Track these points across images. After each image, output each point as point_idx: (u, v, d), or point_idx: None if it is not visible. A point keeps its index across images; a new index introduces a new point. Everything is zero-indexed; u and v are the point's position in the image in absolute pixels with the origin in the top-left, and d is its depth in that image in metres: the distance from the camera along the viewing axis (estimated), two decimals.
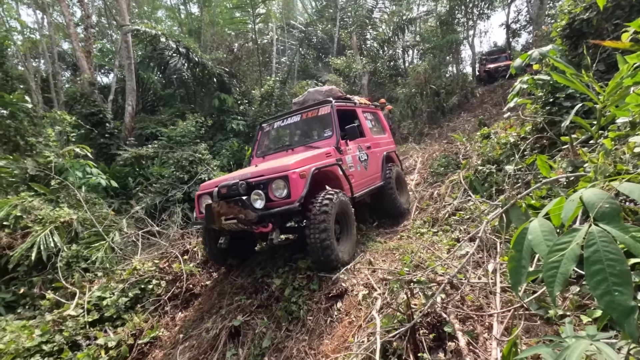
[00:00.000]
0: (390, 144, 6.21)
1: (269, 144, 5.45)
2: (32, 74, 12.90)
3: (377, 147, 5.49)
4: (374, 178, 5.18)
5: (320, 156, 4.08)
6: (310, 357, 3.00)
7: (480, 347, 2.08)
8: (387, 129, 6.28)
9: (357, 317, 3.17)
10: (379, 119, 6.22)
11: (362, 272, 3.72)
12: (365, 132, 5.36)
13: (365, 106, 5.75)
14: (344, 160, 4.44)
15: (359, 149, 4.95)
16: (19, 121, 7.27)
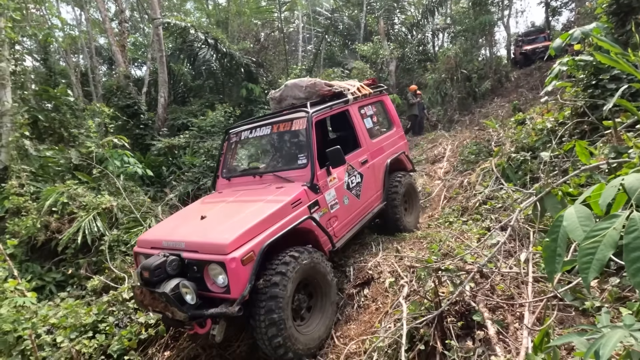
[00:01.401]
0: (399, 141, 4.86)
1: (238, 161, 4.38)
2: (72, 69, 13.60)
3: (378, 155, 4.33)
4: (370, 203, 4.10)
5: (282, 212, 2.90)
6: (336, 340, 3.07)
7: (511, 336, 2.05)
8: (395, 120, 4.90)
9: (384, 304, 3.20)
10: (385, 109, 4.85)
11: (388, 259, 3.72)
12: (362, 140, 4.11)
13: (362, 99, 4.36)
14: (322, 201, 3.34)
15: (349, 171, 3.80)
16: (62, 114, 7.73)
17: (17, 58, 7.03)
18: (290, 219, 2.96)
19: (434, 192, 6.30)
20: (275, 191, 3.27)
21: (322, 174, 3.45)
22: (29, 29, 9.91)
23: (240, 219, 2.81)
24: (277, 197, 3.11)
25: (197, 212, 3.32)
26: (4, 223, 5.25)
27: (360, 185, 3.94)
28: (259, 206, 3.00)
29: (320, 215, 3.27)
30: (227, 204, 3.36)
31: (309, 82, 4.13)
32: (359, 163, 4.01)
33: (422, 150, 9.25)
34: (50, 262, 5.15)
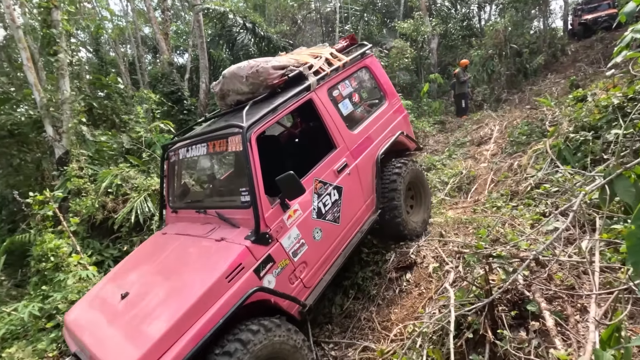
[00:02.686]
0: (396, 116, 3.63)
1: (183, 189, 3.41)
2: (121, 59, 14.34)
3: (365, 149, 3.24)
4: (357, 220, 3.13)
5: (210, 297, 2.09)
6: (378, 325, 3.05)
7: (571, 329, 1.91)
8: (388, 89, 3.67)
9: (427, 289, 3.12)
10: (372, 76, 3.63)
11: (432, 244, 3.61)
12: (336, 138, 3.01)
13: (334, 74, 3.17)
14: (278, 252, 2.48)
15: (319, 190, 2.81)
16: (113, 101, 8.18)
17: (73, 49, 7.48)
18: (227, 301, 2.11)
19: (480, 175, 5.99)
20: (211, 248, 2.46)
21: (274, 212, 2.49)
22: (82, 22, 10.49)
23: (153, 319, 2.08)
24: (208, 265, 2.31)
25: (127, 275, 2.75)
26: (67, 203, 5.72)
27: (339, 203, 2.92)
28: (183, 286, 2.25)
29: (277, 274, 2.43)
30: (157, 266, 2.65)
31: (250, 70, 2.91)
32: (334, 173, 2.92)
33: (466, 131, 8.80)
34: (107, 239, 5.56)
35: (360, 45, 3.65)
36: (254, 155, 2.44)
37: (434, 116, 10.82)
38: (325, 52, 3.34)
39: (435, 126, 9.98)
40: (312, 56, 3.24)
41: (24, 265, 5.87)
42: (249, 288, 2.23)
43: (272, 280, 2.42)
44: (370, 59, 3.61)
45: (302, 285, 2.64)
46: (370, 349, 2.82)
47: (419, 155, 8.07)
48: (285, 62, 3.02)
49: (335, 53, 3.38)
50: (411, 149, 3.92)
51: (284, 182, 2.39)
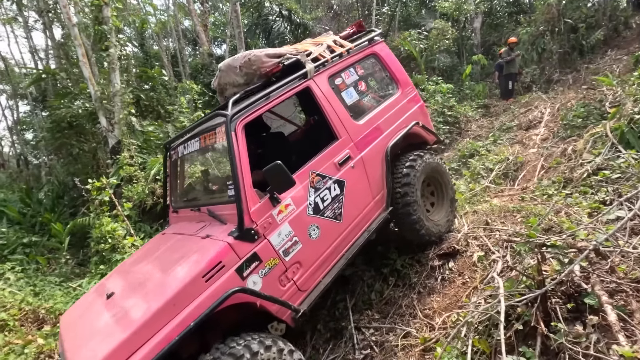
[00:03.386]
0: (410, 106, 3.34)
1: (183, 187, 3.33)
2: (164, 52, 14.93)
3: (373, 140, 2.99)
4: (364, 218, 2.86)
5: (182, 298, 1.95)
6: (420, 312, 3.01)
7: (638, 325, 1.77)
8: (400, 77, 3.38)
9: (472, 279, 3.02)
10: (382, 64, 3.34)
11: (476, 232, 3.48)
12: (337, 128, 2.80)
13: (336, 62, 2.97)
14: (266, 250, 2.29)
15: (316, 185, 2.59)
16: (158, 93, 8.59)
17: (122, 44, 7.90)
18: (202, 302, 1.95)
19: (528, 162, 5.64)
20: (195, 246, 2.34)
21: (262, 206, 2.32)
22: (129, 18, 11.02)
23: (125, 320, 1.96)
24: (186, 264, 2.18)
25: (120, 275, 2.73)
26: (120, 189, 6.14)
27: (340, 198, 2.69)
28: (160, 286, 2.11)
29: (264, 274, 2.24)
30: (146, 266, 2.59)
31: (243, 60, 2.79)
32: (335, 165, 2.70)
33: (513, 115, 8.29)
34: (157, 224, 5.92)
35: (368, 32, 3.40)
36: (239, 145, 2.28)
37: (476, 100, 10.29)
38: (328, 40, 3.14)
39: (478, 110, 9.50)
40: (313, 44, 3.07)
41: (84, 246, 6.43)
42: (230, 289, 2.03)
43: (258, 282, 2.22)
44: (380, 45, 3.34)
45: (296, 288, 2.40)
46: (412, 336, 2.80)
47: (461, 141, 7.76)
48: (283, 51, 2.86)
49: (338, 40, 3.16)
50: (429, 142, 3.54)
51: (271, 173, 2.22)
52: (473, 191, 4.85)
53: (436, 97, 9.03)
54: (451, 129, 8.16)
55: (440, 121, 8.14)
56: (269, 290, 2.25)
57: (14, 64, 17.31)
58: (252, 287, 2.17)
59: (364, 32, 3.41)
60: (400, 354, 2.69)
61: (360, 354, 2.82)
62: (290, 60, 2.78)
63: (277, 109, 3.94)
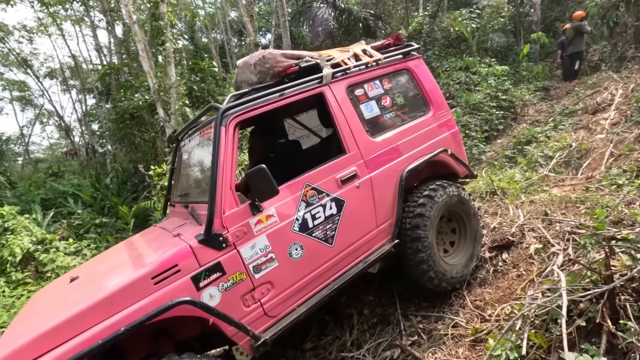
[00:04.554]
0: (441, 131, 2.99)
1: (180, 182, 3.07)
2: (212, 43, 15.51)
3: (387, 162, 2.66)
4: (360, 246, 2.53)
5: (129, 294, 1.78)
6: (470, 303, 2.95)
7: None
8: (434, 97, 3.04)
9: (527, 271, 2.90)
10: (415, 81, 3.02)
11: (533, 224, 3.30)
12: (347, 141, 2.53)
13: (359, 71, 2.71)
14: (232, 262, 2.04)
15: (309, 199, 2.32)
16: (207, 84, 8.99)
17: (176, 38, 8.33)
18: (144, 306, 1.76)
19: (594, 148, 5.18)
20: (162, 243, 2.22)
21: (240, 212, 2.09)
22: (181, 12, 11.55)
23: (54, 311, 1.81)
24: (143, 260, 2.02)
25: (95, 261, 2.67)
26: None
27: (336, 219, 2.38)
28: (110, 279, 1.98)
29: (225, 288, 1.99)
30: (119, 256, 2.45)
31: (257, 58, 2.65)
32: (337, 182, 2.41)
33: (577, 98, 7.60)
34: None
35: (406, 45, 3.11)
36: (227, 142, 2.09)
37: (535, 82, 9.54)
38: (356, 48, 2.90)
39: (536, 93, 8.81)
40: (340, 51, 2.85)
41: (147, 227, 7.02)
42: (179, 298, 1.81)
43: (216, 296, 1.95)
44: (416, 61, 3.06)
45: (262, 311, 2.11)
46: (461, 326, 2.76)
47: (516, 127, 7.28)
48: (302, 54, 2.66)
49: (368, 50, 2.89)
50: (459, 174, 3.12)
51: (253, 177, 1.99)
52: (530, 180, 4.57)
53: (489, 81, 8.51)
54: (505, 114, 7.67)
55: (494, 106, 7.67)
56: (228, 308, 1.96)
57: (82, 61, 18.96)
58: (207, 300, 1.91)
59: (401, 45, 3.11)
60: (449, 342, 2.66)
61: (408, 340, 2.83)
62: (307, 63, 2.54)
63: (304, 119, 3.93)
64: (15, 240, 4.96)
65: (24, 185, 10.36)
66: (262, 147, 3.07)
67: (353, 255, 2.49)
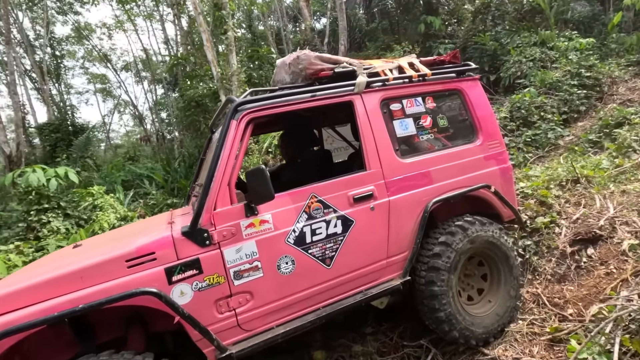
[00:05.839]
0: (486, 164, 2.62)
1: (204, 172, 2.95)
2: (269, 30, 15.76)
3: (414, 186, 2.37)
4: (363, 275, 2.27)
5: (99, 272, 1.77)
6: (544, 299, 2.73)
7: None
8: (484, 124, 2.67)
9: (619, 269, 2.60)
10: (465, 105, 2.69)
11: (627, 217, 2.92)
12: (369, 156, 2.30)
13: (401, 85, 2.49)
14: (213, 262, 1.92)
15: (312, 212, 2.14)
16: (265, 71, 9.18)
17: (236, 27, 8.59)
18: (109, 288, 1.71)
19: None
20: (154, 228, 2.18)
21: (232, 211, 1.97)
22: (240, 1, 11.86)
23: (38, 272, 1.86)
24: (127, 241, 1.96)
25: (111, 232, 2.76)
26: None
27: (339, 239, 2.17)
28: (90, 253, 1.97)
29: (198, 288, 1.87)
30: (126, 231, 2.54)
31: (292, 58, 2.56)
32: (348, 199, 2.20)
33: None
34: None
35: (463, 64, 2.78)
36: (235, 137, 1.99)
37: (627, 56, 8.31)
38: (402, 60, 2.65)
39: (629, 69, 7.69)
40: (385, 61, 2.65)
41: None
42: (146, 287, 1.73)
43: (188, 294, 1.85)
44: (471, 83, 2.71)
45: (235, 322, 1.96)
46: (537, 324, 2.56)
47: (602, 108, 6.45)
48: (340, 59, 2.49)
49: (416, 64, 2.61)
50: (503, 218, 2.70)
51: (250, 176, 1.88)
52: (621, 167, 4.03)
53: (569, 56, 7.60)
54: (588, 94, 6.80)
55: (574, 84, 6.83)
56: (198, 310, 1.85)
57: (152, 54, 20.47)
58: (177, 297, 1.82)
59: (457, 64, 2.79)
60: (522, 340, 2.49)
61: None
62: (344, 69, 2.39)
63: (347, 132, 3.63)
64: (104, 217, 5.59)
65: (107, 168, 11.60)
66: (289, 151, 3.04)
67: (352, 284, 2.24)
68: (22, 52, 17.39)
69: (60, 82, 19.65)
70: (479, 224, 2.45)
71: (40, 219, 5.28)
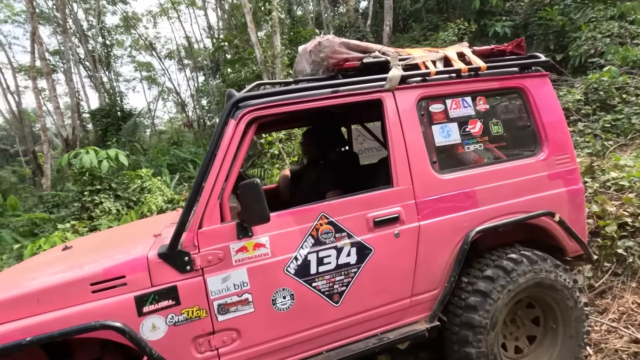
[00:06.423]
0: (554, 182, 2.06)
1: None
2: (309, 15, 15.40)
3: (453, 209, 1.90)
4: (380, 315, 1.85)
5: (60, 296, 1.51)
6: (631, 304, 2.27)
7: None
8: (551, 134, 2.08)
9: None
10: (528, 108, 2.11)
11: None
12: (398, 170, 1.84)
13: (448, 80, 1.98)
14: (193, 292, 1.59)
15: (321, 236, 1.73)
16: None
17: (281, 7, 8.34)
18: (67, 316, 1.45)
19: None
20: (138, 241, 1.90)
21: (221, 231, 1.63)
22: None
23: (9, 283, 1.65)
24: (100, 258, 1.72)
25: (108, 232, 2.59)
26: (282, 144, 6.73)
27: (352, 271, 1.77)
28: (62, 268, 1.72)
29: (174, 322, 1.57)
30: (122, 234, 2.33)
31: (313, 45, 2.12)
32: (367, 222, 1.79)
33: None
34: None
35: (529, 57, 2.18)
36: (232, 140, 1.62)
37: None
38: (450, 50, 2.10)
39: None
40: (427, 51, 2.11)
41: None
42: (112, 317, 1.46)
43: (161, 328, 1.54)
44: (538, 80, 2.12)
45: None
46: None
47: None
48: (371, 47, 2.02)
49: (468, 55, 2.07)
50: (567, 252, 2.12)
51: (242, 191, 1.52)
52: None
53: None
54: None
55: None
56: (172, 348, 1.55)
57: (194, 41, 20.84)
58: (147, 331, 1.52)
59: (522, 56, 2.20)
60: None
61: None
62: (374, 59, 1.92)
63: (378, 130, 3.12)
64: (152, 199, 5.67)
65: (152, 152, 11.97)
66: (311, 150, 2.70)
67: (365, 326, 1.83)
68: (77, 42, 18.35)
69: (110, 70, 20.60)
70: (529, 262, 1.90)
71: (93, 200, 5.43)
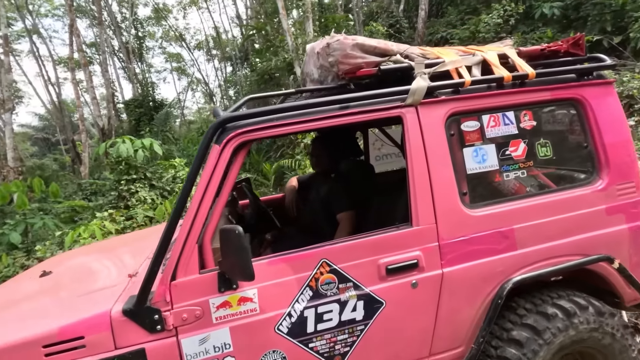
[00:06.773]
0: (613, 218, 1.61)
1: None
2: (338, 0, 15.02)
3: (486, 253, 1.51)
4: None
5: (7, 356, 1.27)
6: None
7: None
8: (610, 154, 1.62)
9: None
10: (585, 123, 1.64)
11: None
12: (418, 206, 1.48)
13: (487, 93, 1.54)
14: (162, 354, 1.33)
15: (320, 287, 1.43)
16: None
17: None
18: None
19: None
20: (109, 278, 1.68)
21: (198, 282, 1.36)
22: None
23: None
24: (64, 308, 1.45)
25: (92, 248, 2.43)
26: None
27: (358, 329, 1.47)
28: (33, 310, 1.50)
29: None
30: (99, 257, 2.10)
31: (321, 46, 1.72)
32: (377, 270, 1.47)
33: None
34: None
35: (589, 58, 1.73)
36: (216, 170, 1.34)
37: None
38: (489, 52, 1.65)
39: None
40: (463, 52, 1.70)
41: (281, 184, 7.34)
42: None
43: None
44: (599, 89, 1.66)
45: None
46: None
47: None
48: (392, 48, 1.61)
49: (512, 57, 1.64)
50: (624, 300, 1.71)
51: (222, 238, 1.27)
52: None
53: None
54: None
55: None
56: None
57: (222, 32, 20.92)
58: None
59: (581, 58, 1.75)
60: None
61: None
62: (395, 65, 1.54)
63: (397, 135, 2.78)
64: None
65: (183, 142, 12.15)
66: (321, 161, 2.32)
67: None
68: (111, 34, 18.84)
69: (142, 61, 21.07)
70: (589, 306, 1.54)
71: (130, 189, 5.49)
